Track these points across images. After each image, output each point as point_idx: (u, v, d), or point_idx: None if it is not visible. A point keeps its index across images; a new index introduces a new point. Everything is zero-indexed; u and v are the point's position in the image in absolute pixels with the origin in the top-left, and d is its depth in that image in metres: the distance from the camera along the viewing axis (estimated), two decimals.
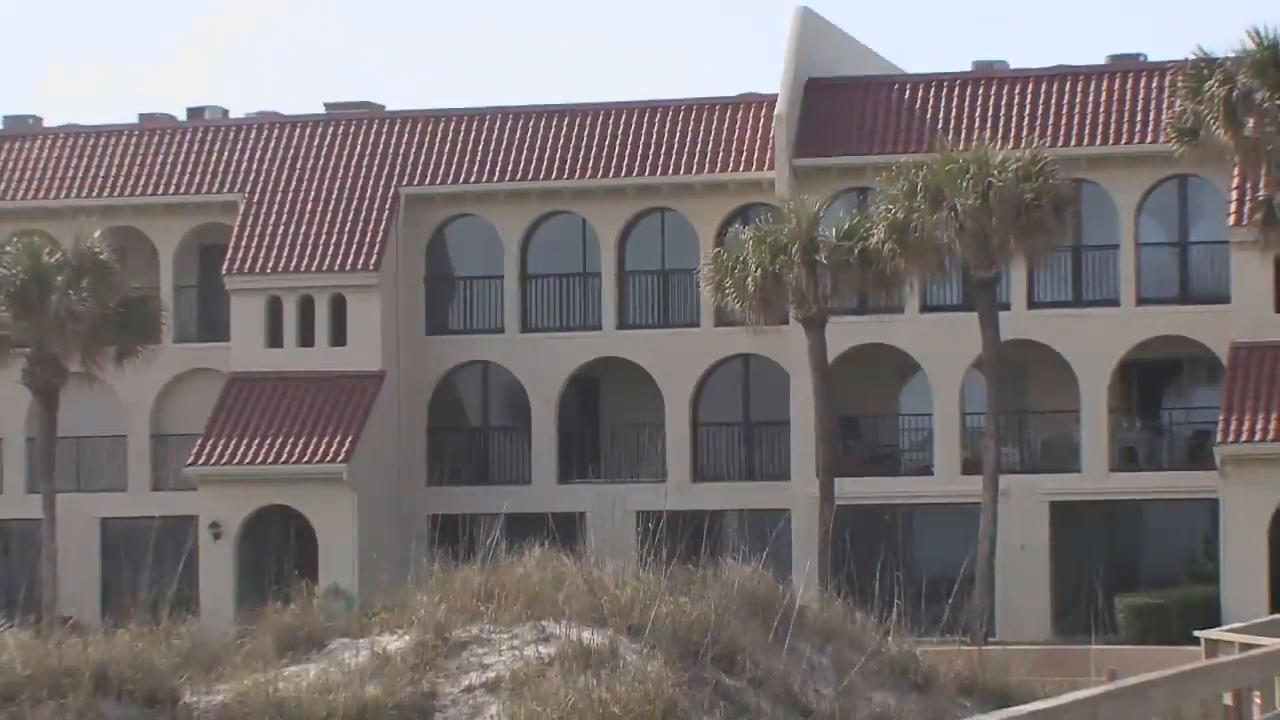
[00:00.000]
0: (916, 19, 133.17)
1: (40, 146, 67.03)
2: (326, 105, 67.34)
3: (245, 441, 61.20)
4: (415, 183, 63.36)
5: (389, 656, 27.18)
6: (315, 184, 63.82)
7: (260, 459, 60.87)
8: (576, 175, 62.44)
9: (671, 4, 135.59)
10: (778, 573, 33.65)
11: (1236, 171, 54.84)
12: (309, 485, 60.70)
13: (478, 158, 63.40)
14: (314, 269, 62.60)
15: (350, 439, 60.83)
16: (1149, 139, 58.13)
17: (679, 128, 62.62)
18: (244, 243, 63.14)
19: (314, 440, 60.91)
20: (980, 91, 61.30)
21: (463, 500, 59.92)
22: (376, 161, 63.89)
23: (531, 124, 63.76)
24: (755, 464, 61.69)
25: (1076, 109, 60.21)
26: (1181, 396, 61.18)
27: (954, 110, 60.75)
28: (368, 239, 62.69)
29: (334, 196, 63.51)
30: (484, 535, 33.78)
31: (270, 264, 62.85)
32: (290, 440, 60.98)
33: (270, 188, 64.01)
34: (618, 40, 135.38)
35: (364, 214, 63.08)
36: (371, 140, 64.53)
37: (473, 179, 63.21)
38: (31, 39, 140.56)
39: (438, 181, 63.40)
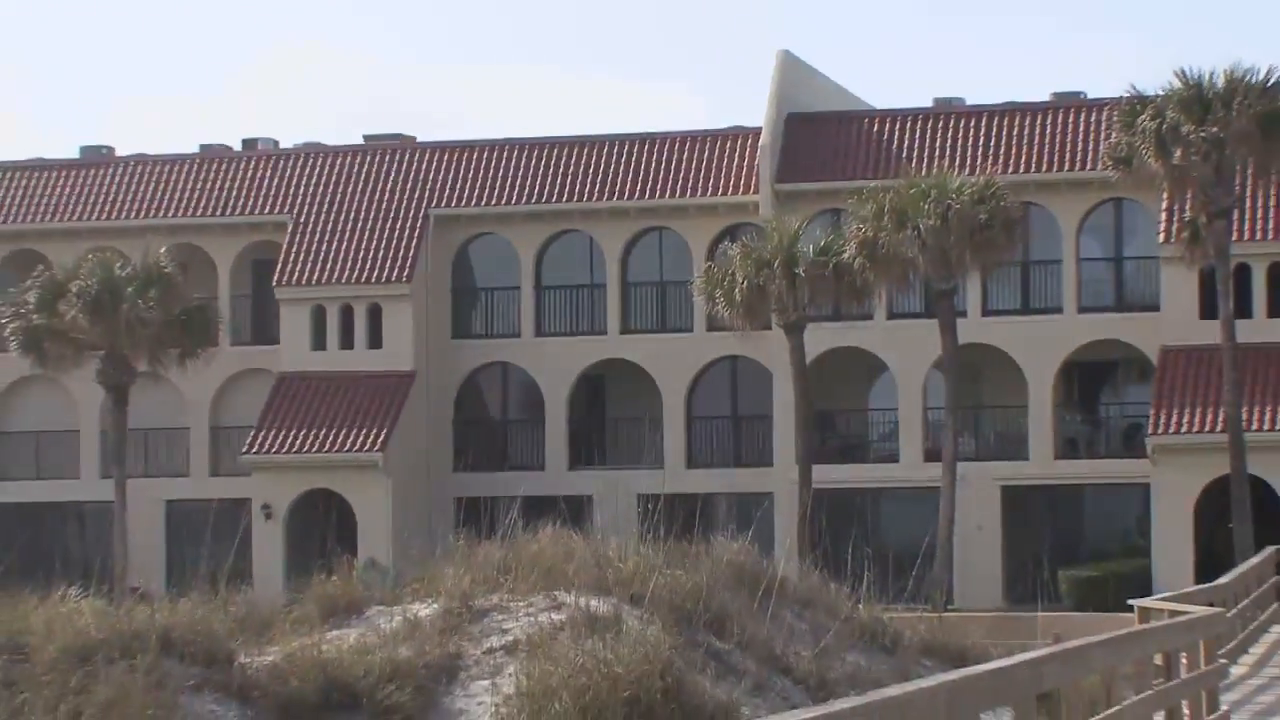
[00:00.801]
0: (884, 60, 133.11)
1: (112, 173, 67.04)
2: (365, 137, 67.34)
3: (293, 433, 61.25)
4: (442, 205, 63.39)
5: (419, 622, 27.22)
6: (354, 206, 63.84)
7: (306, 448, 60.91)
8: (584, 198, 62.45)
9: (668, 47, 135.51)
10: (762, 548, 33.72)
11: (1165, 196, 54.82)
12: (349, 471, 60.76)
13: (497, 183, 63.44)
14: (353, 281, 62.62)
15: (385, 430, 60.89)
16: (1088, 167, 58.17)
17: (675, 156, 62.64)
18: (292, 258, 63.17)
19: (353, 432, 60.95)
20: (940, 125, 61.34)
21: (484, 484, 59.89)
22: (408, 186, 63.92)
23: (544, 153, 63.80)
24: (742, 452, 61.68)
25: (1024, 140, 60.26)
26: (1117, 393, 61.21)
27: (917, 141, 60.78)
28: (401, 254, 62.73)
29: (371, 217, 63.54)
30: (503, 516, 33.89)
31: (315, 277, 62.89)
32: (333, 432, 61.02)
33: (315, 209, 64.05)
34: (621, 80, 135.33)
35: (397, 232, 63.13)
36: (404, 168, 64.56)
37: (493, 201, 63.23)
38: (104, 77, 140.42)
39: (462, 204, 63.42)
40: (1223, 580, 31.22)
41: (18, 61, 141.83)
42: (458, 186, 63.66)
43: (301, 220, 63.81)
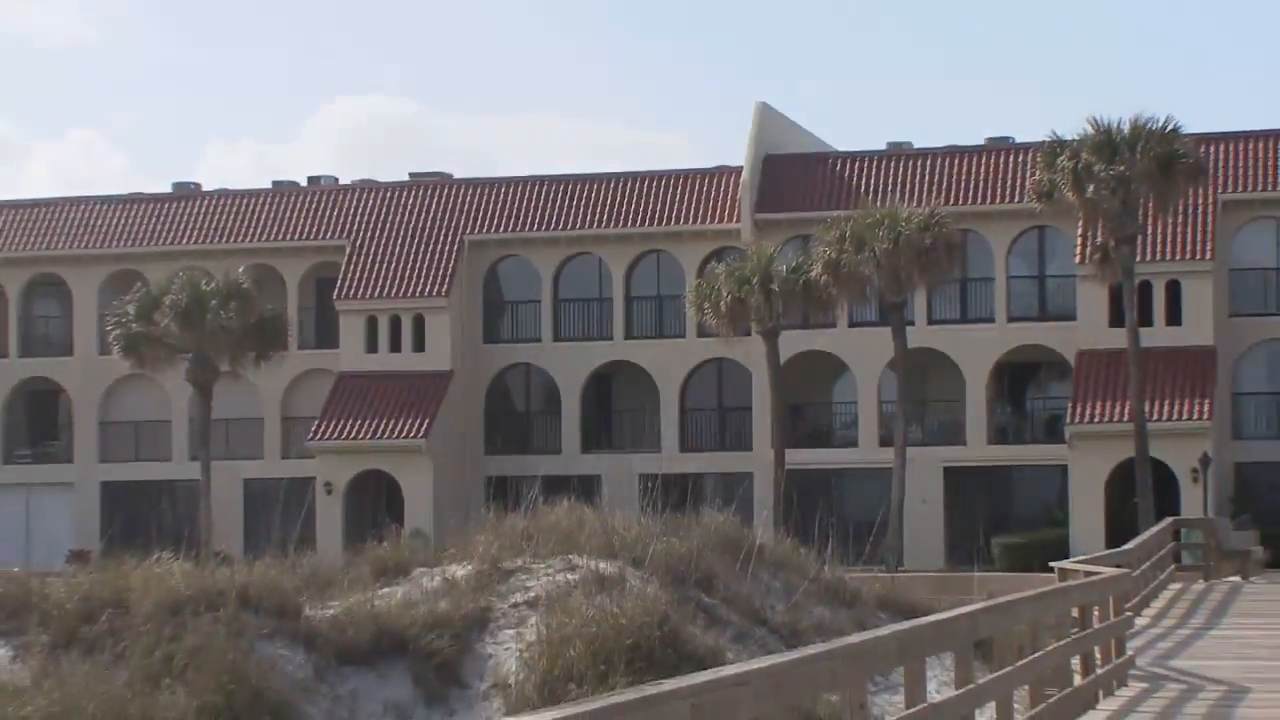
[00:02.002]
0: (845, 110, 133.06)
1: (200, 205, 66.98)
2: (410, 174, 67.25)
3: (350, 422, 61.16)
4: (475, 231, 63.32)
5: (456, 581, 27.24)
6: (401, 232, 63.77)
7: (361, 435, 60.82)
8: (594, 226, 62.36)
9: (665, 101, 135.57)
10: (743, 520, 33.75)
11: (1080, 224, 54.69)
12: (397, 454, 60.63)
13: (521, 213, 63.35)
14: (400, 295, 62.53)
15: (427, 420, 60.81)
16: (1016, 200, 58.06)
17: (670, 191, 62.56)
18: (349, 276, 63.10)
19: (400, 421, 60.84)
20: (891, 164, 61.27)
21: (510, 465, 59.97)
22: (446, 215, 63.84)
23: (561, 188, 63.73)
24: (726, 439, 61.54)
25: (963, 177, 60.18)
26: (1040, 389, 61.12)
27: (872, 178, 60.71)
28: (440, 273, 62.65)
29: (415, 241, 63.47)
30: (526, 492, 33.83)
31: (368, 291, 62.81)
32: (383, 421, 60.91)
33: (368, 235, 63.98)
34: (625, 127, 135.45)
35: (437, 254, 63.04)
36: (443, 200, 64.47)
37: (518, 228, 63.15)
38: (194, 124, 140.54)
39: (492, 230, 63.33)
40: (1128, 546, 31.19)
41: (122, 109, 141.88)
42: (488, 216, 63.61)
43: (357, 244, 63.76)
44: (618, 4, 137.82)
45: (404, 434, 60.52)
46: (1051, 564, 25.70)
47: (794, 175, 61.49)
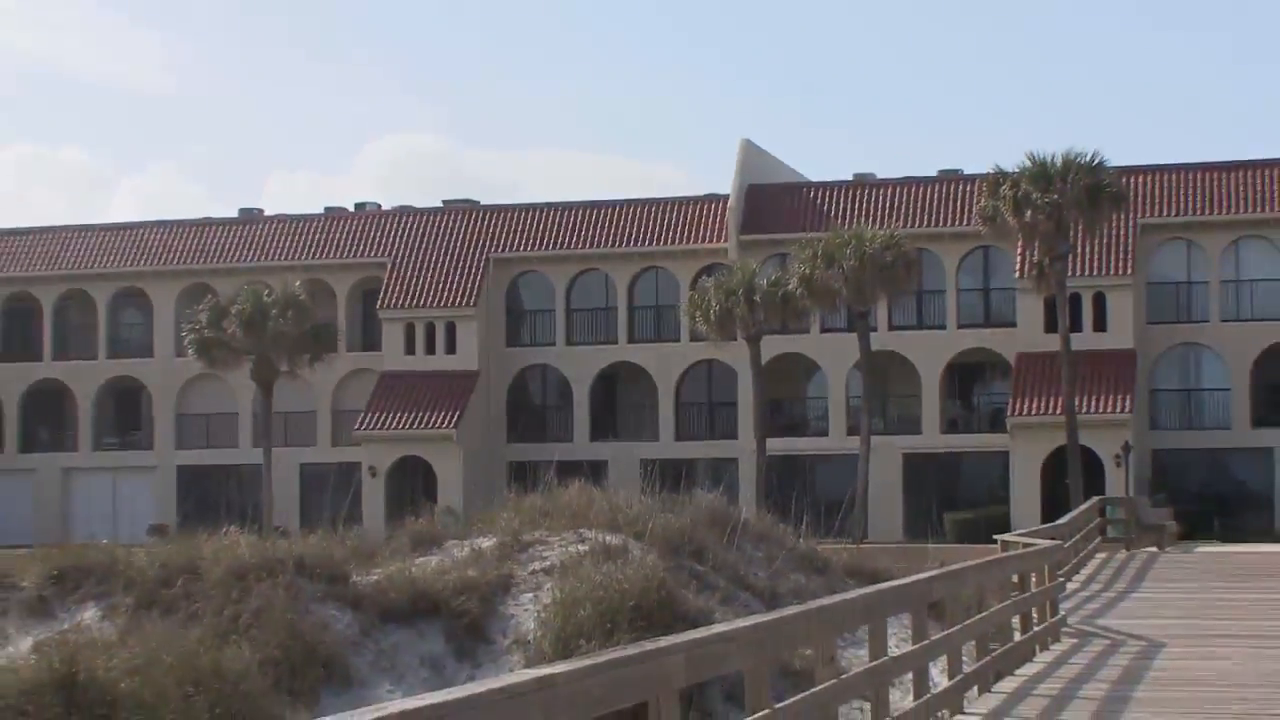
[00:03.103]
0: (817, 146, 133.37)
1: (262, 227, 67.06)
2: (443, 201, 67.35)
3: (391, 415, 61.19)
4: (499, 250, 63.35)
5: (482, 551, 27.23)
6: (435, 251, 63.80)
7: (401, 426, 60.84)
8: (601, 245, 62.41)
9: (663, 137, 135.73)
10: (730, 499, 33.74)
11: (1020, 244, 54.81)
12: (432, 442, 60.65)
13: (539, 234, 63.40)
14: (435, 305, 62.56)
15: (458, 413, 60.84)
16: (965, 223, 58.14)
17: (667, 215, 62.64)
18: (390, 288, 63.12)
19: (434, 414, 60.88)
20: (857, 193, 61.29)
21: (529, 452, 59.91)
22: (474, 237, 63.88)
23: (573, 213, 63.79)
24: (715, 429, 61.57)
25: (919, 204, 60.24)
26: (985, 387, 61.13)
27: (841, 205, 60.72)
28: (468, 286, 62.68)
29: (447, 259, 63.50)
30: (542, 475, 33.82)
31: (407, 302, 62.83)
32: (420, 414, 60.95)
33: (407, 253, 64.00)
34: (628, 159, 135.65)
35: (466, 270, 63.08)
36: (471, 223, 64.51)
37: (535, 248, 63.18)
38: (256, 158, 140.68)
39: (513, 249, 63.36)
40: (1061, 521, 31.24)
41: (196, 145, 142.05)
42: (510, 237, 63.64)
43: (397, 261, 63.78)
44: (622, 56, 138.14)
45: (437, 425, 60.54)
46: (995, 537, 25.69)
47: (773, 202, 61.54)
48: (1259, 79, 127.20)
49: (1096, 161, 51.91)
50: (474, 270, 62.92)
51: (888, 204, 60.15)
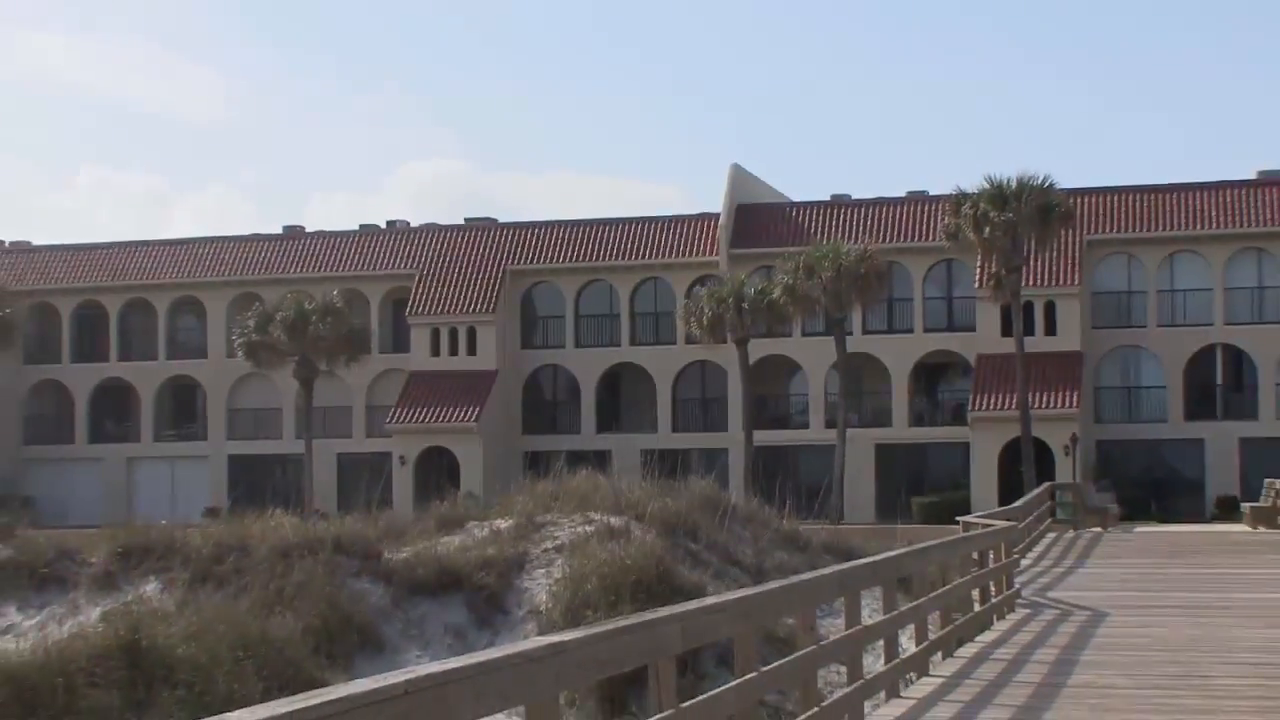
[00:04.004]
0: (799, 169, 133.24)
1: (304, 242, 67.04)
2: (465, 218, 67.31)
3: (419, 409, 61.16)
4: (515, 263, 63.33)
5: (500, 531, 27.23)
6: (458, 264, 63.78)
7: (427, 420, 60.82)
8: (606, 258, 62.40)
9: (662, 161, 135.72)
10: (721, 485, 33.76)
11: (979, 257, 54.79)
12: (455, 434, 60.64)
13: (551, 248, 63.39)
14: (457, 312, 62.55)
15: (478, 408, 60.81)
16: (930, 239, 58.13)
17: (665, 231, 62.63)
18: (419, 297, 63.10)
19: (458, 409, 60.86)
20: (834, 212, 61.27)
21: (542, 443, 59.97)
22: (493, 251, 63.86)
23: (581, 229, 63.78)
24: (708, 422, 61.57)
25: (889, 221, 60.20)
26: (949, 384, 61.08)
27: (820, 222, 60.67)
28: (488, 295, 62.65)
29: (469, 271, 63.47)
30: (554, 464, 33.86)
31: (433, 309, 62.82)
32: (444, 409, 60.93)
33: (433, 265, 63.98)
34: (630, 180, 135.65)
35: (485, 281, 63.05)
36: (490, 238, 64.49)
37: (548, 261, 63.17)
38: (299, 181, 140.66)
39: (528, 262, 63.35)
40: (1016, 504, 31.20)
41: (247, 169, 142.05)
42: (524, 251, 63.63)
43: (424, 273, 63.76)
44: (625, 90, 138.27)
45: (460, 419, 60.51)
46: (957, 518, 25.73)
47: (760, 220, 61.54)
48: (1193, 111, 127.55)
49: (1047, 184, 51.93)
50: (492, 280, 62.89)
51: (861, 221, 60.12)
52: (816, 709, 10.29)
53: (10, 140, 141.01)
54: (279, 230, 69.21)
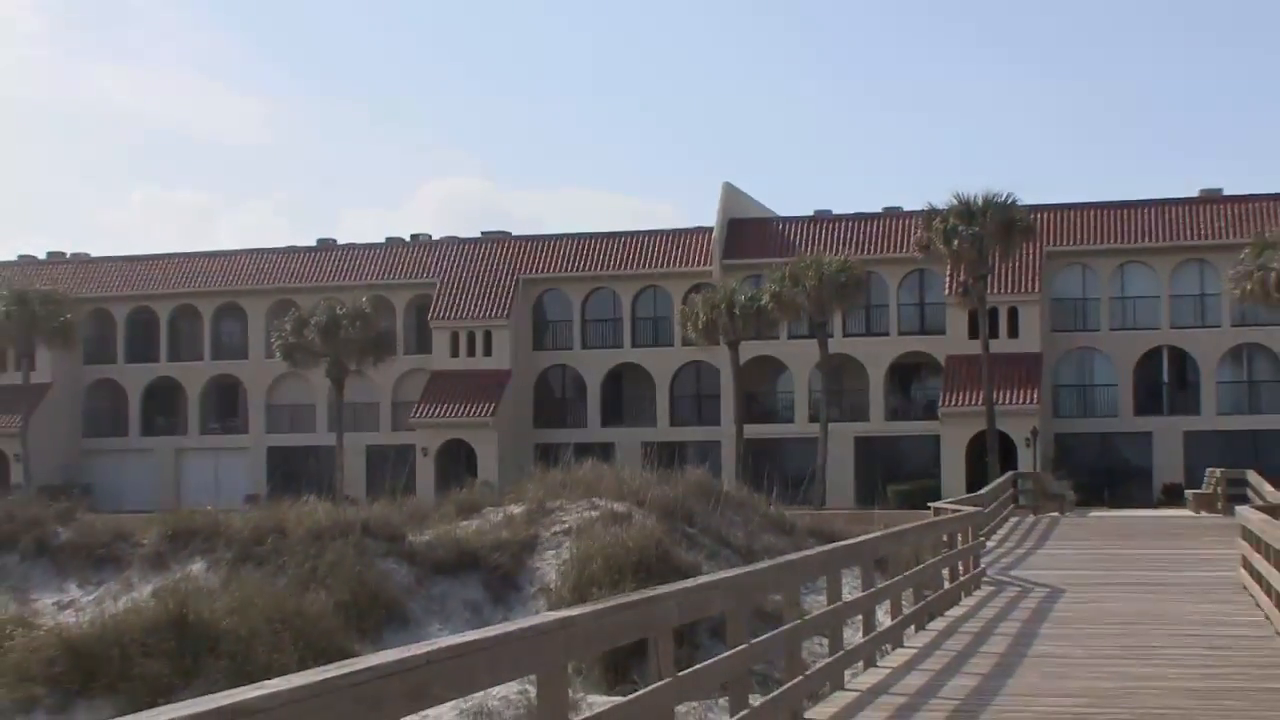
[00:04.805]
0: (785, 186, 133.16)
1: (336, 254, 66.98)
2: (481, 232, 67.18)
3: (440, 405, 61.08)
4: (527, 272, 63.28)
5: (514, 516, 27.22)
6: (476, 273, 63.74)
7: (448, 415, 60.72)
8: (610, 268, 62.35)
9: (661, 179, 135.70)
10: (714, 474, 33.76)
11: (949, 267, 54.76)
12: (473, 428, 60.58)
13: (560, 259, 63.36)
14: (475, 317, 62.49)
15: (494, 404, 60.75)
16: (905, 250, 58.01)
17: (663, 243, 62.58)
18: (439, 303, 63.06)
19: (475, 405, 60.80)
20: (817, 226, 61.20)
21: (551, 436, 59.92)
22: (507, 261, 63.81)
23: (587, 242, 63.72)
24: (702, 417, 61.51)
25: (867, 234, 60.19)
26: (921, 382, 61.02)
27: (804, 235, 60.63)
28: (502, 301, 62.60)
29: (485, 279, 63.42)
30: (562, 455, 33.82)
31: (453, 314, 62.76)
32: (463, 405, 60.87)
33: (452, 274, 63.93)
34: (632, 197, 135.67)
35: (500, 288, 62.99)
36: (504, 250, 64.44)
37: (557, 270, 63.12)
38: (331, 199, 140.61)
39: (539, 271, 63.29)
40: (982, 491, 31.21)
41: (283, 187, 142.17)
42: (536, 261, 63.58)
43: (445, 281, 63.72)
44: (627, 116, 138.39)
45: (477, 414, 60.48)
46: (929, 504, 25.69)
47: (749, 233, 61.52)
48: (1143, 134, 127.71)
49: (1010, 201, 51.94)
50: (507, 288, 62.86)
51: (842, 235, 60.10)
52: (801, 677, 10.29)
53: (72, 162, 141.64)
54: (313, 243, 69.16)
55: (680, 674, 7.77)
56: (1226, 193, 58.97)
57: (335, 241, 69.01)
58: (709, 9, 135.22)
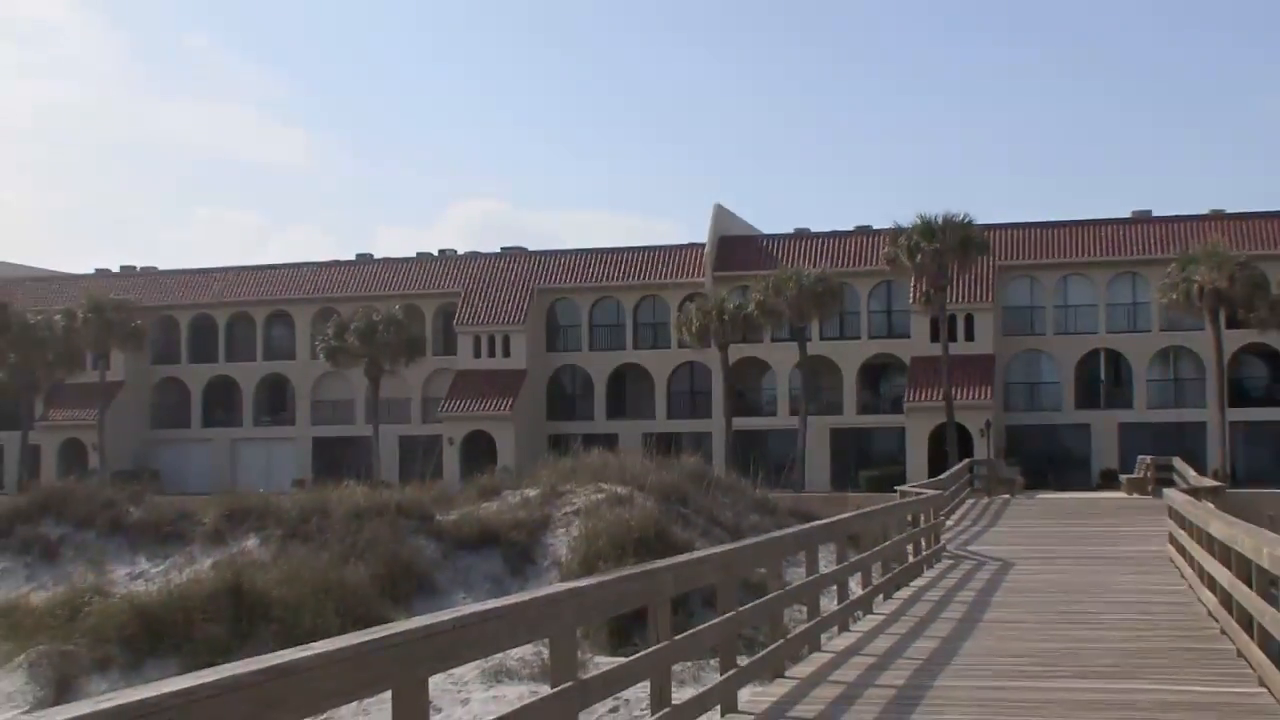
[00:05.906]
0: (768, 206, 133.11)
1: (373, 267, 66.88)
2: (501, 248, 67.14)
3: (464, 400, 60.96)
4: (542, 283, 63.14)
5: (529, 498, 27.20)
6: (496, 283, 63.64)
7: (471, 409, 60.60)
8: (615, 280, 62.25)
9: (660, 201, 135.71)
10: (707, 461, 33.74)
11: (913, 279, 54.63)
12: (493, 420, 60.46)
13: (571, 271, 63.26)
14: (495, 322, 62.40)
15: (512, 399, 60.66)
16: (874, 264, 57.89)
17: (661, 258, 62.50)
18: (464, 310, 62.96)
19: (495, 400, 60.69)
20: (797, 242, 61.11)
21: (563, 428, 59.88)
22: (524, 273, 63.71)
23: (595, 256, 63.60)
24: (696, 411, 61.36)
25: (841, 249, 60.06)
26: (889, 381, 60.91)
27: (786, 250, 60.55)
28: (519, 308, 62.50)
29: (504, 289, 63.32)
30: (572, 445, 33.82)
31: (476, 320, 62.66)
32: (485, 400, 60.76)
33: (475, 285, 63.84)
34: (633, 216, 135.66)
35: (517, 297, 62.91)
36: (522, 264, 64.31)
37: (568, 281, 63.03)
38: (366, 216, 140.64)
39: (553, 282, 63.17)
40: (942, 477, 31.18)
41: (326, 208, 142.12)
42: (550, 273, 63.45)
43: (469, 291, 63.61)
44: (629, 144, 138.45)
45: (498, 408, 60.39)
46: (895, 488, 25.69)
47: (737, 248, 61.42)
48: (1080, 160, 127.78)
49: (967, 220, 51.86)
50: (523, 297, 62.79)
51: (819, 250, 60.03)
52: (783, 640, 10.29)
53: (143, 186, 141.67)
54: (353, 257, 69.12)
55: (676, 638, 7.77)
56: (1156, 214, 59.06)
57: (372, 256, 68.95)
58: (705, 55, 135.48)
